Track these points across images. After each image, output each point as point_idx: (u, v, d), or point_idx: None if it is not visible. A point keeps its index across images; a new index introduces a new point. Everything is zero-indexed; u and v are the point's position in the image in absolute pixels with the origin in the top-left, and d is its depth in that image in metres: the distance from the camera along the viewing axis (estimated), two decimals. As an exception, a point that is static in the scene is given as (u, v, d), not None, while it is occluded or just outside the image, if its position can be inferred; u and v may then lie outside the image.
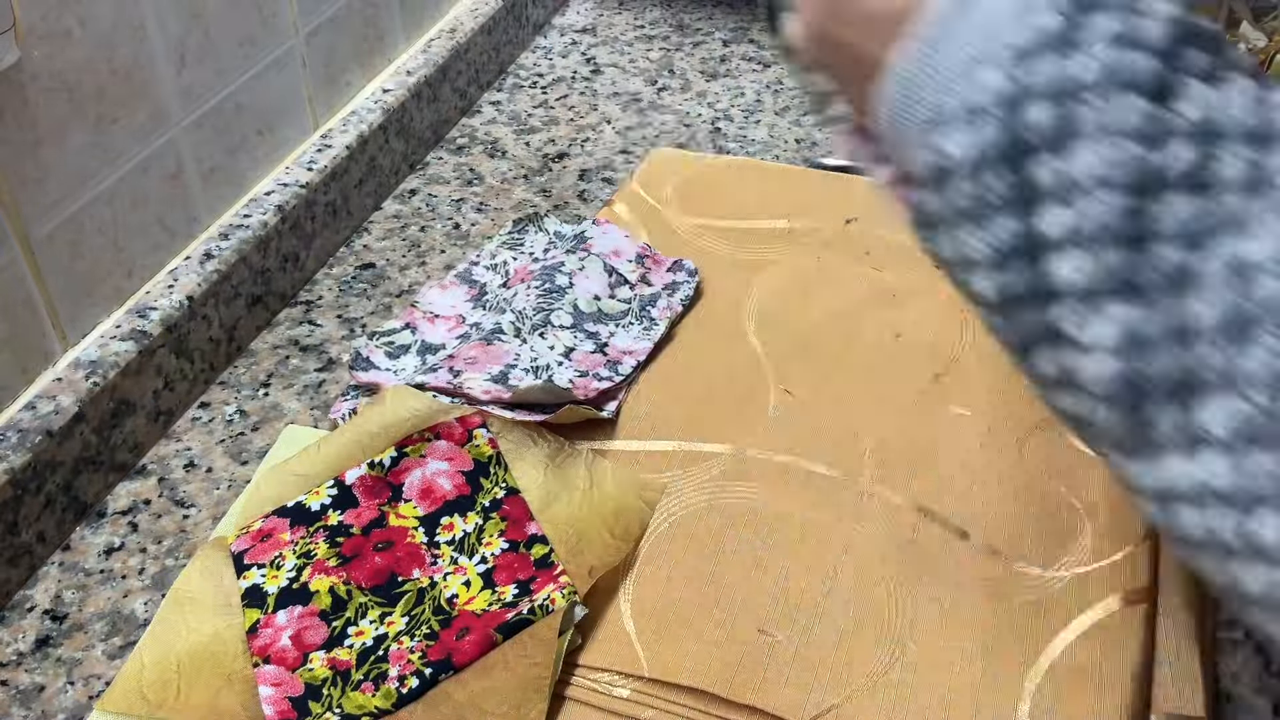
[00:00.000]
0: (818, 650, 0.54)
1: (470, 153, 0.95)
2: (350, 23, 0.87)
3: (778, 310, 0.74)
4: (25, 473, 0.58)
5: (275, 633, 0.54)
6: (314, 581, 0.56)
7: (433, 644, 0.53)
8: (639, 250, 0.77)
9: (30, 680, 0.55)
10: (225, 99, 0.75)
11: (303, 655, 0.53)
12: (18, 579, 0.59)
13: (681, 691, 0.52)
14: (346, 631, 0.54)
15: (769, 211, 0.82)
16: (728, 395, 0.68)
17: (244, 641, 0.54)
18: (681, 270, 0.76)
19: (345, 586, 0.55)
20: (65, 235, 0.64)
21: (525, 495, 0.60)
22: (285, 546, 0.57)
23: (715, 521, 0.60)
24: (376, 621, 0.54)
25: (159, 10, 0.68)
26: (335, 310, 0.78)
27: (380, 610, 0.55)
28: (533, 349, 0.68)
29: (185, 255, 0.73)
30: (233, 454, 0.67)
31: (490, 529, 0.58)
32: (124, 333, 0.66)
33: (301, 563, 0.56)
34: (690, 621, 0.55)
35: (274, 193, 0.78)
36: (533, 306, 0.72)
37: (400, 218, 0.87)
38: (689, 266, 0.77)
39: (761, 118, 0.98)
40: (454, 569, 0.57)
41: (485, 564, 0.57)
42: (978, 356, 0.70)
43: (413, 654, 0.52)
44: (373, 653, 0.53)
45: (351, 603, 0.55)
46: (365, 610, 0.55)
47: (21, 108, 0.59)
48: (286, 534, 0.58)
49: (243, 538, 0.58)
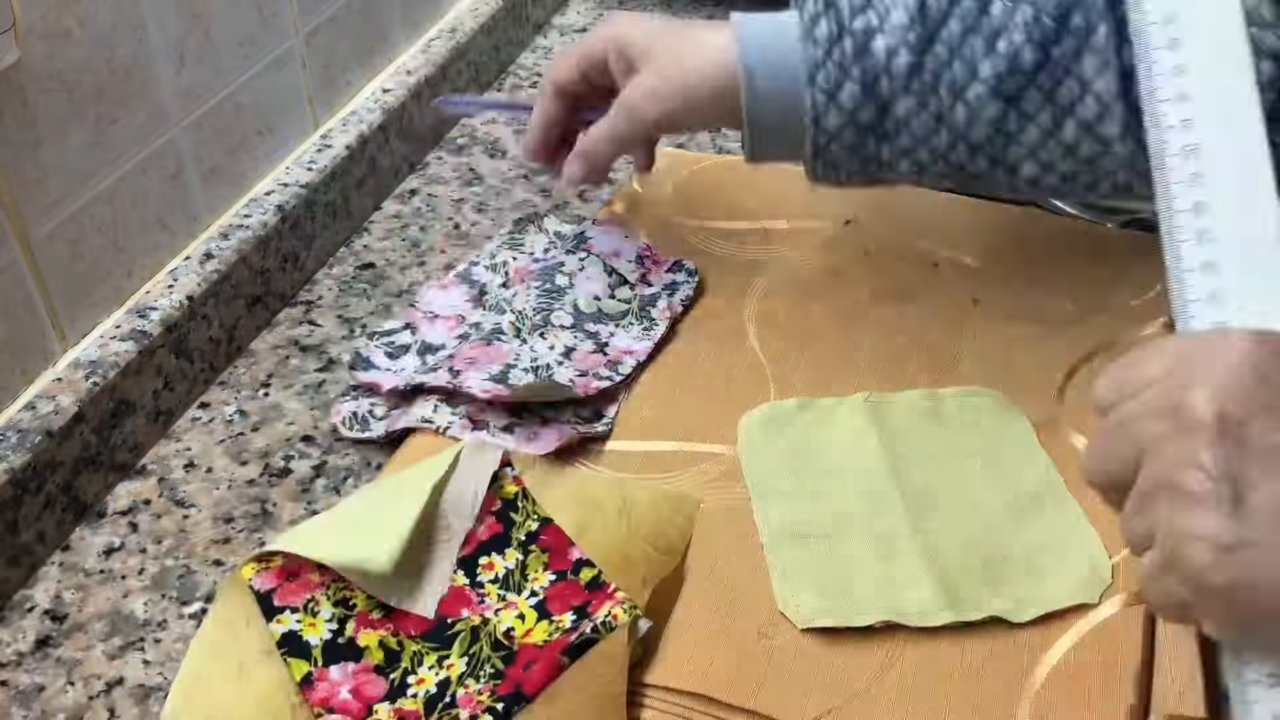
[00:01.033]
0: (817, 652, 0.54)
1: (470, 153, 0.95)
2: (350, 23, 0.87)
3: (778, 310, 0.74)
4: (25, 473, 0.58)
5: (332, 686, 0.51)
6: (361, 637, 0.53)
7: (500, 682, 0.51)
8: (639, 250, 0.78)
9: (30, 680, 0.55)
10: (225, 99, 0.75)
11: (367, 707, 0.51)
12: (18, 579, 0.59)
13: (682, 692, 0.52)
14: (407, 681, 0.52)
15: (769, 211, 0.82)
16: (728, 395, 0.68)
17: (299, 693, 0.51)
18: (681, 270, 0.77)
19: (395, 638, 0.53)
20: (65, 235, 0.64)
21: (559, 522, 0.59)
22: (316, 589, 0.54)
23: (715, 522, 0.60)
24: (435, 666, 0.52)
25: (159, 10, 0.68)
26: (335, 310, 0.78)
27: (437, 654, 0.53)
28: (533, 349, 0.69)
29: (185, 255, 0.73)
30: (233, 454, 0.67)
31: (533, 564, 0.57)
32: (124, 333, 0.66)
33: (341, 613, 0.53)
34: (690, 623, 0.55)
35: (274, 193, 0.78)
36: (533, 306, 0.72)
37: (400, 218, 0.87)
38: (689, 267, 0.77)
39: (761, 118, 0.98)
40: (503, 605, 0.55)
41: (536, 597, 0.55)
42: (978, 357, 0.70)
43: (480, 695, 0.51)
44: (439, 700, 0.51)
45: (405, 652, 0.53)
46: (420, 658, 0.53)
47: (21, 108, 0.59)
48: (315, 574, 0.54)
49: (264, 574, 0.54)
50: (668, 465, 0.64)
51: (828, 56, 0.61)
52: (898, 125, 0.62)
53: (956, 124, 0.62)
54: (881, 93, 0.61)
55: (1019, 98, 0.60)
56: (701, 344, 0.72)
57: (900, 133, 0.63)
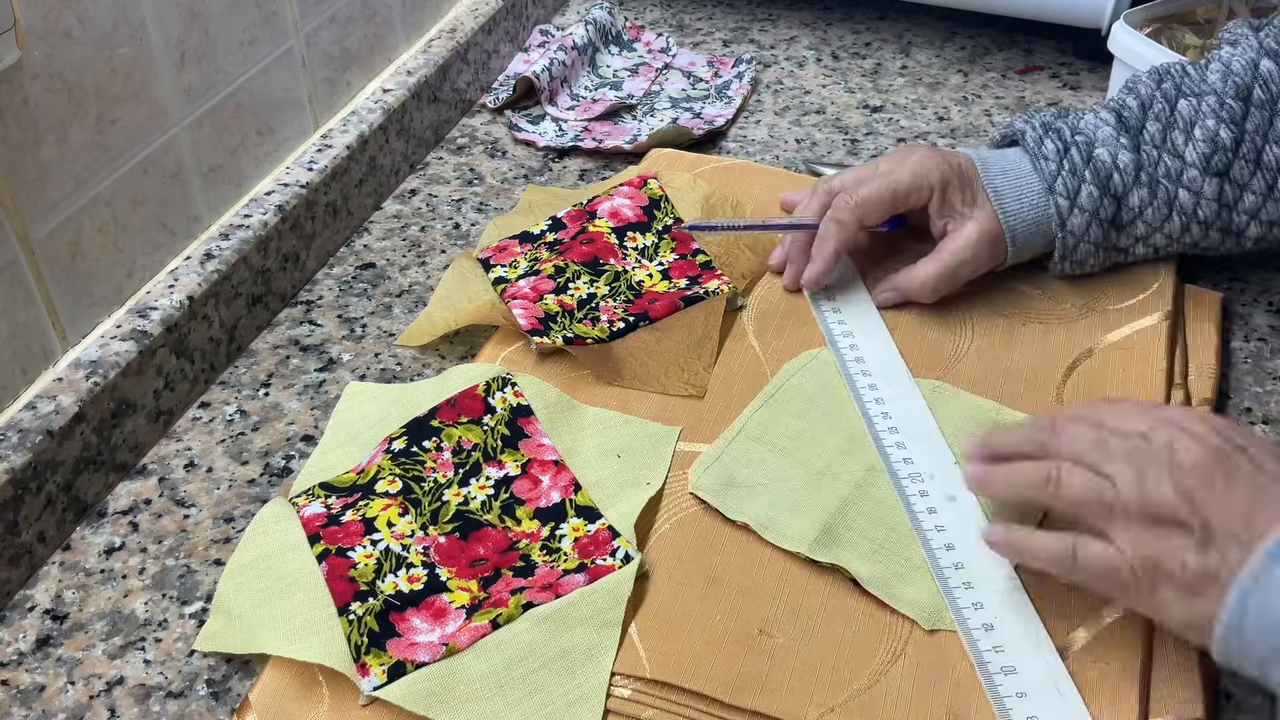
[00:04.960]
0: (819, 651, 0.54)
1: (470, 153, 0.95)
2: (350, 22, 0.87)
3: (777, 311, 0.74)
4: (25, 473, 0.58)
5: (517, 287, 0.75)
6: (543, 263, 0.77)
7: (631, 304, 0.74)
8: (708, 59, 1.06)
9: (30, 680, 0.55)
10: (225, 99, 0.75)
11: (539, 295, 0.74)
12: (18, 579, 0.59)
13: (683, 692, 0.52)
14: (567, 287, 0.75)
15: (768, 212, 0.82)
16: (727, 395, 0.68)
17: (500, 295, 0.74)
18: (742, 63, 1.04)
19: (563, 262, 0.77)
20: (65, 235, 0.64)
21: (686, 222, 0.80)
22: (517, 255, 0.79)
23: (716, 522, 0.60)
24: (588, 284, 0.75)
25: (159, 10, 0.68)
26: (335, 310, 0.78)
27: (589, 277, 0.76)
28: (648, 125, 0.97)
29: (185, 255, 0.73)
30: (233, 454, 0.67)
31: (664, 246, 0.79)
32: (124, 333, 0.66)
33: (532, 260, 0.78)
34: (691, 622, 0.55)
35: (274, 193, 0.78)
36: (641, 97, 1.02)
37: (400, 218, 0.87)
38: (745, 58, 1.04)
39: (761, 118, 0.98)
40: (639, 266, 0.77)
41: (662, 266, 0.77)
42: (978, 357, 0.70)
43: (617, 309, 0.73)
44: (587, 304, 0.74)
45: (568, 270, 0.76)
46: (578, 275, 0.76)
47: (21, 108, 0.59)
48: (518, 248, 0.79)
49: (485, 251, 0.80)
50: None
51: (1060, 168, 0.71)
52: (1133, 216, 0.71)
53: (1184, 207, 0.71)
54: (1115, 189, 0.71)
55: (1228, 171, 0.70)
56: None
57: (1136, 223, 0.72)
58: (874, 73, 1.05)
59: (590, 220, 0.80)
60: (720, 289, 0.74)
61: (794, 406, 0.66)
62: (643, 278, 0.76)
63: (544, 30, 1.10)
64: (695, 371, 0.69)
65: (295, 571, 0.57)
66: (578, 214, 0.81)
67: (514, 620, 0.55)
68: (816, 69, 1.06)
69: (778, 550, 0.58)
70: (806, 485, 0.61)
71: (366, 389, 0.69)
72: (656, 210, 0.81)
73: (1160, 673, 0.52)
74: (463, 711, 0.52)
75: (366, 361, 0.73)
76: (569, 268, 0.76)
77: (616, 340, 0.71)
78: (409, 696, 0.52)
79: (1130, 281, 0.74)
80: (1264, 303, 0.76)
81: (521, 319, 0.71)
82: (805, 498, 0.60)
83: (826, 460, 0.63)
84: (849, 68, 1.06)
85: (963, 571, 0.56)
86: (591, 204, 0.82)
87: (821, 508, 0.59)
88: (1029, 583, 0.56)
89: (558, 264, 0.76)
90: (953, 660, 0.53)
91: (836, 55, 1.08)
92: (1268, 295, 0.76)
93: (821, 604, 0.56)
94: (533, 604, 0.55)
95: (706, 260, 0.78)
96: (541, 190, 0.88)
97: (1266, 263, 0.79)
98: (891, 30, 1.12)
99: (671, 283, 0.76)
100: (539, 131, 0.96)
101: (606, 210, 0.81)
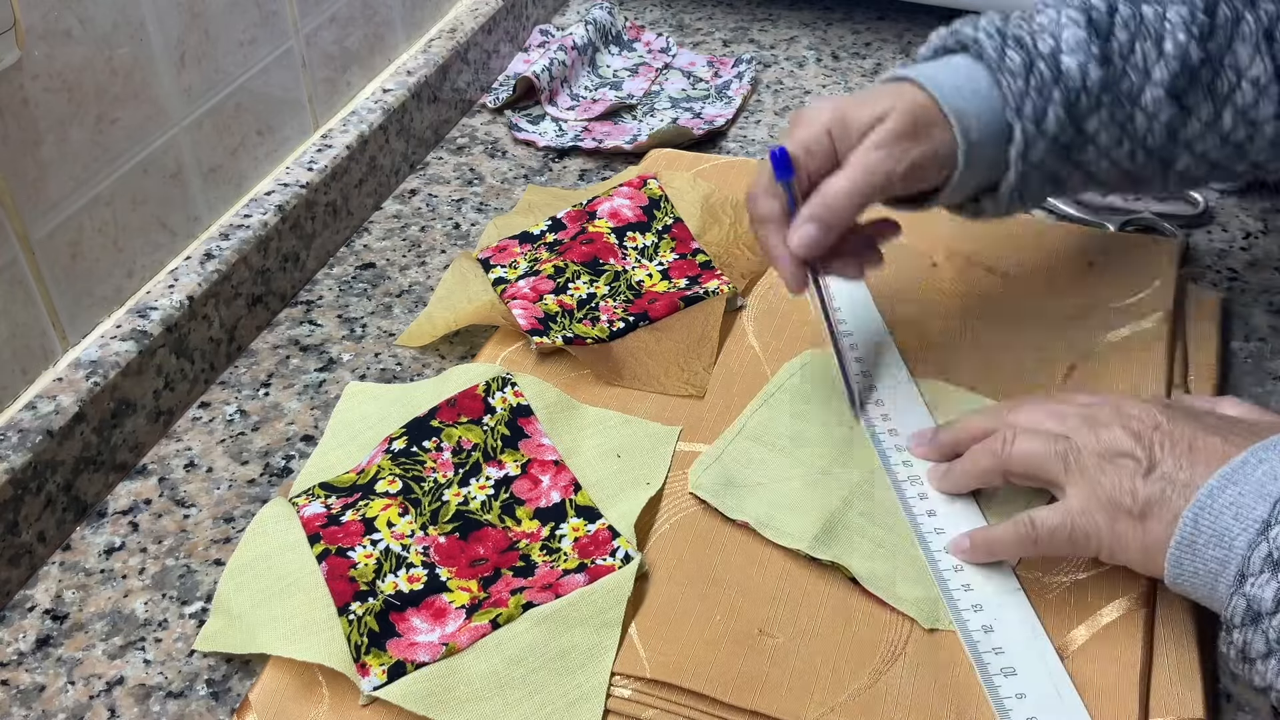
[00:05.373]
0: (819, 650, 0.54)
1: (470, 153, 0.95)
2: (350, 22, 0.87)
3: (777, 311, 0.74)
4: (25, 473, 0.58)
5: (516, 288, 0.75)
6: (543, 263, 0.77)
7: (631, 304, 0.74)
8: (708, 59, 1.06)
9: (30, 680, 0.55)
10: (225, 99, 0.75)
11: (539, 296, 0.74)
12: (18, 579, 0.59)
13: (683, 691, 0.52)
14: (567, 287, 0.75)
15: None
16: (727, 395, 0.68)
17: (500, 295, 0.75)
18: (742, 63, 1.04)
19: (563, 262, 0.77)
20: (65, 235, 0.64)
21: (687, 223, 0.80)
22: (517, 256, 0.79)
23: (716, 522, 0.60)
24: (587, 284, 0.75)
25: (159, 10, 0.68)
26: (335, 310, 0.78)
27: (589, 277, 0.76)
28: (648, 125, 0.97)
29: (185, 255, 0.73)
30: (233, 454, 0.67)
31: (664, 246, 0.79)
32: (124, 333, 0.66)
33: (532, 261, 0.78)
34: (691, 622, 0.55)
35: (274, 193, 0.78)
36: (641, 97, 1.02)
37: (400, 218, 0.87)
38: (746, 57, 1.04)
39: (761, 118, 0.98)
40: (638, 266, 0.78)
41: (662, 266, 0.78)
42: (978, 357, 0.70)
43: (617, 309, 0.74)
44: (587, 305, 0.74)
45: (567, 270, 0.76)
46: (578, 275, 0.76)
47: (21, 108, 0.59)
48: (517, 248, 0.80)
49: (485, 251, 0.80)
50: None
51: (1027, 84, 0.59)
52: (1086, 142, 0.61)
53: (1136, 131, 0.61)
54: (1080, 111, 0.60)
55: (1186, 96, 0.61)
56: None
57: (1087, 148, 0.61)
58: (874, 73, 1.05)
59: (590, 220, 0.80)
60: (720, 289, 0.75)
61: (794, 406, 0.66)
62: (642, 278, 0.77)
63: (544, 30, 1.11)
64: (695, 371, 0.69)
65: (295, 571, 0.57)
66: (577, 214, 0.81)
67: (514, 620, 0.55)
68: (816, 69, 1.06)
69: (778, 550, 0.58)
70: (806, 484, 0.61)
71: (366, 389, 0.69)
72: (656, 210, 0.81)
73: (1160, 673, 0.52)
74: (463, 711, 0.52)
75: (366, 361, 0.74)
76: (569, 268, 0.76)
77: (616, 340, 0.71)
78: (409, 696, 0.52)
79: (1130, 281, 0.74)
80: (1264, 303, 0.76)
81: (521, 319, 0.71)
82: (805, 497, 0.60)
83: (826, 460, 0.63)
84: (849, 68, 1.06)
85: (962, 573, 0.56)
86: (591, 204, 0.82)
87: (821, 506, 0.59)
88: (1028, 583, 0.56)
89: (557, 264, 0.77)
90: (953, 660, 0.53)
91: (836, 55, 1.08)
92: (1268, 295, 0.76)
93: (821, 604, 0.56)
94: (533, 604, 0.55)
95: (706, 260, 0.78)
96: (541, 190, 0.88)
97: (1266, 263, 0.79)
98: (891, 30, 1.12)
99: (671, 283, 0.76)
100: (539, 131, 0.96)
101: (606, 210, 0.81)
